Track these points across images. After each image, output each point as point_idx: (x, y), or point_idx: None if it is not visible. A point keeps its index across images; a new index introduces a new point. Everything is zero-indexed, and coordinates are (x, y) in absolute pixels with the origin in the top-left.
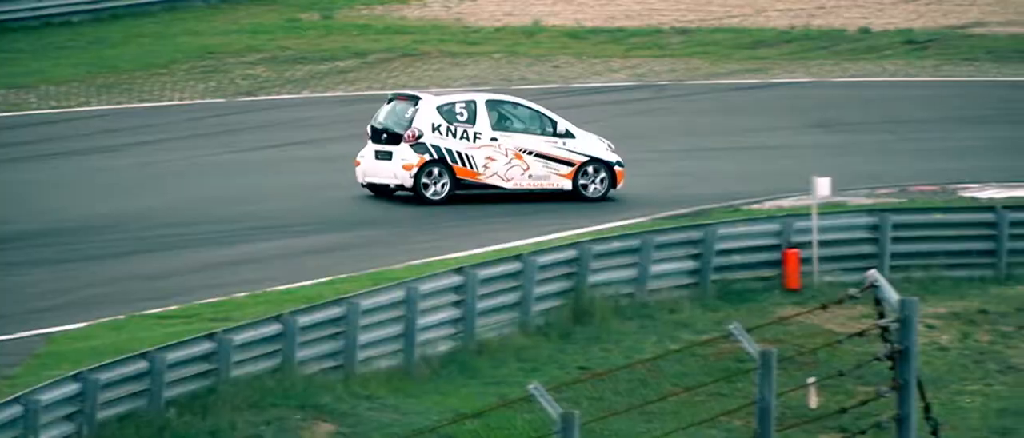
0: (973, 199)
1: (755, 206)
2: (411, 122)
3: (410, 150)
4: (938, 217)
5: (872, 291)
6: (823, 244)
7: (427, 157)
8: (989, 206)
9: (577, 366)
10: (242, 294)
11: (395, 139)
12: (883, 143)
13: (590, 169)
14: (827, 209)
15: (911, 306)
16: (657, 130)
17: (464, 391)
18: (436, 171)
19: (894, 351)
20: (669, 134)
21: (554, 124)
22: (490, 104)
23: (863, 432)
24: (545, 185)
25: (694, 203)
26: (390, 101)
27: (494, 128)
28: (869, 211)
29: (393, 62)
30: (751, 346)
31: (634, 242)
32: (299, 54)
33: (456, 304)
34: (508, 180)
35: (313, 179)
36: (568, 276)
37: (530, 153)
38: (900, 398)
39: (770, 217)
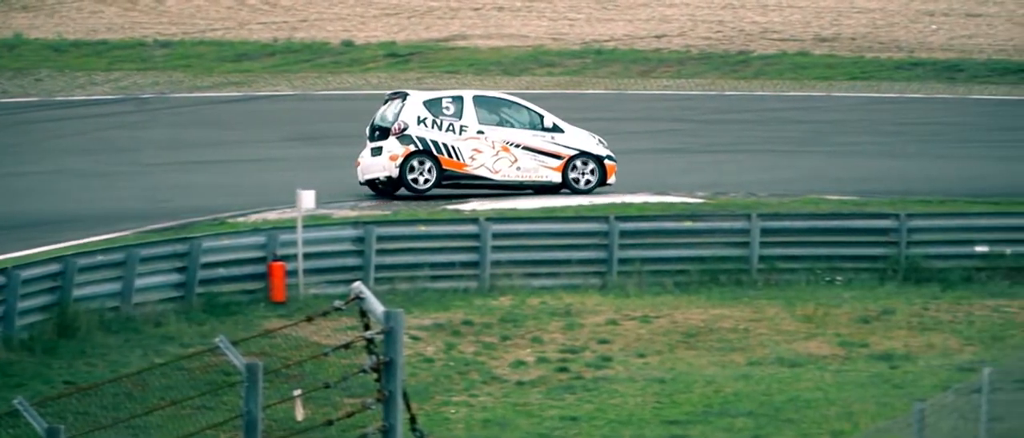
0: (456, 211)
1: (240, 219)
2: (398, 116)
3: (396, 142)
4: (422, 229)
5: (357, 303)
6: (308, 257)
7: (412, 148)
8: (472, 218)
9: (62, 380)
10: None
11: (386, 135)
12: None
13: (579, 162)
14: (312, 222)
15: (396, 318)
16: (141, 143)
17: None
18: (422, 162)
19: (380, 363)
20: (153, 147)
21: (542, 118)
22: (477, 99)
23: None
24: (534, 177)
25: (180, 216)
26: (388, 100)
27: (481, 122)
28: (354, 224)
29: None
30: (237, 359)
31: (119, 256)
32: None
33: None
34: (496, 172)
35: None
36: (52, 290)
37: (517, 146)
38: (386, 409)
39: (255, 230)
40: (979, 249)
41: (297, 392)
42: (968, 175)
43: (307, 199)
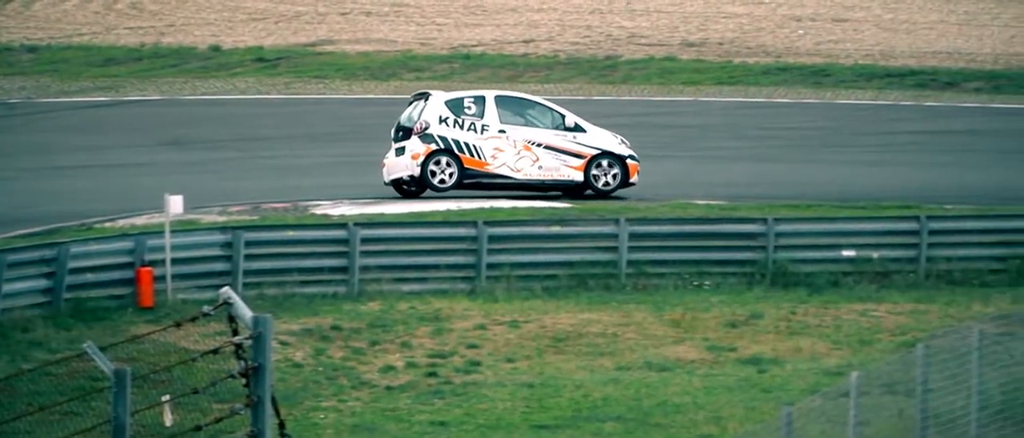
0: (325, 216)
1: (109, 224)
2: (421, 115)
3: (418, 141)
4: (291, 234)
5: (226, 308)
6: (177, 262)
7: (433, 147)
8: (341, 223)
9: None
10: None
11: (410, 135)
12: (235, 160)
13: (602, 162)
14: (180, 227)
15: (265, 323)
16: (10, 148)
17: None
18: (443, 160)
19: (248, 368)
20: (22, 152)
21: (563, 118)
22: (499, 99)
23: None
24: (556, 176)
25: (47, 222)
26: (412, 101)
27: (503, 121)
28: (222, 229)
29: None
30: (105, 365)
31: None
32: None
33: None
34: (517, 171)
35: None
36: None
37: (539, 145)
38: (255, 415)
39: (123, 235)
40: (846, 253)
41: (166, 398)
42: (835, 179)
43: (175, 204)
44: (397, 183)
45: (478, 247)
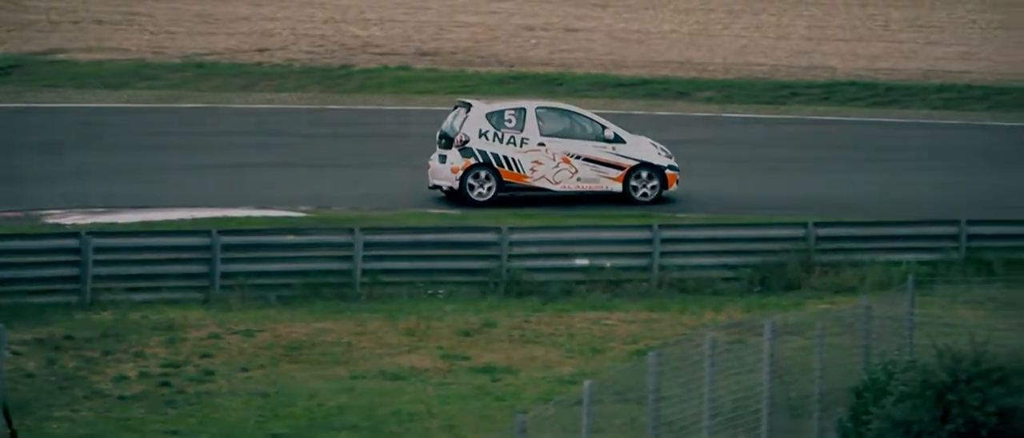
0: (57, 225)
1: None
2: (461, 127)
3: (458, 154)
4: (22, 244)
5: None
6: None
7: (472, 161)
8: (73, 232)
9: None
10: None
11: (451, 143)
12: None
13: (640, 173)
14: None
15: None
16: None
17: None
18: (482, 174)
19: None
20: None
21: (603, 129)
22: (540, 110)
23: None
24: (595, 188)
25: None
26: (455, 108)
27: (543, 133)
28: None
29: None
30: None
31: None
32: None
33: None
34: (556, 183)
35: None
36: None
37: (578, 157)
38: None
39: None
40: (579, 262)
41: None
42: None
43: None
44: (439, 187)
45: (212, 256)
